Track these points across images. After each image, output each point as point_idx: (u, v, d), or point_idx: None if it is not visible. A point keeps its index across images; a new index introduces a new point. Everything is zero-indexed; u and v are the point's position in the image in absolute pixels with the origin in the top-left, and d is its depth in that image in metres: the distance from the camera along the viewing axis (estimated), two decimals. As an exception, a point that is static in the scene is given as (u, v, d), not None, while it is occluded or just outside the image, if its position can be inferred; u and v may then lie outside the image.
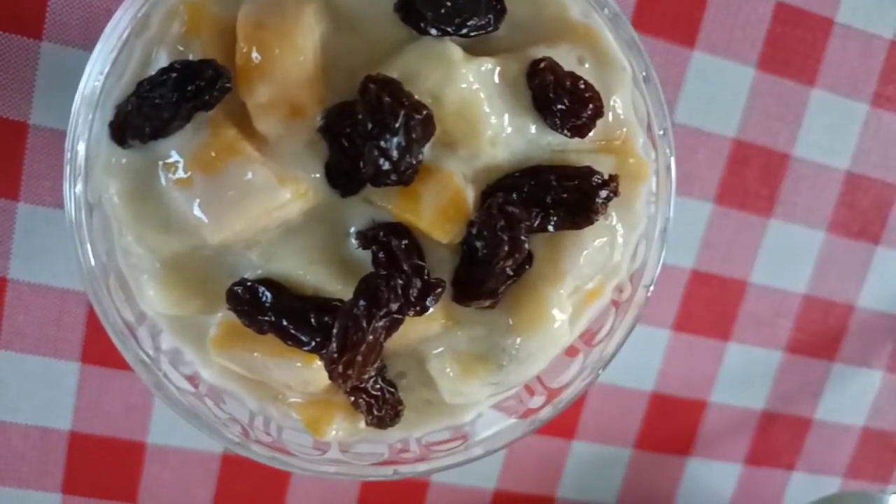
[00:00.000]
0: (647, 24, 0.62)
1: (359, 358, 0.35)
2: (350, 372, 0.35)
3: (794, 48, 0.64)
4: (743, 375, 0.70)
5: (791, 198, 0.67)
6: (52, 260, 0.57)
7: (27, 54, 0.54)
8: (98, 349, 0.59)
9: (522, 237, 0.36)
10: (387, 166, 0.35)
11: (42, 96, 0.55)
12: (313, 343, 0.37)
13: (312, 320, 0.37)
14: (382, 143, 0.34)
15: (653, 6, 0.62)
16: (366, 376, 0.36)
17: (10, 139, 0.55)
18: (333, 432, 0.41)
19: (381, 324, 0.35)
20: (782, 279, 0.69)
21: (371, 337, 0.35)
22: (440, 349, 0.41)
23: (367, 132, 0.34)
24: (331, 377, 0.36)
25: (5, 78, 0.55)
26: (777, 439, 0.73)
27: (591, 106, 0.37)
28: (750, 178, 0.66)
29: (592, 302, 0.43)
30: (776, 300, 0.69)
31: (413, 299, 0.37)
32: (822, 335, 0.71)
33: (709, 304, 0.68)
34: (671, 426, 0.70)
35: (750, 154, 0.66)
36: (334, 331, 0.36)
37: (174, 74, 0.33)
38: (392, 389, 0.42)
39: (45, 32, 0.54)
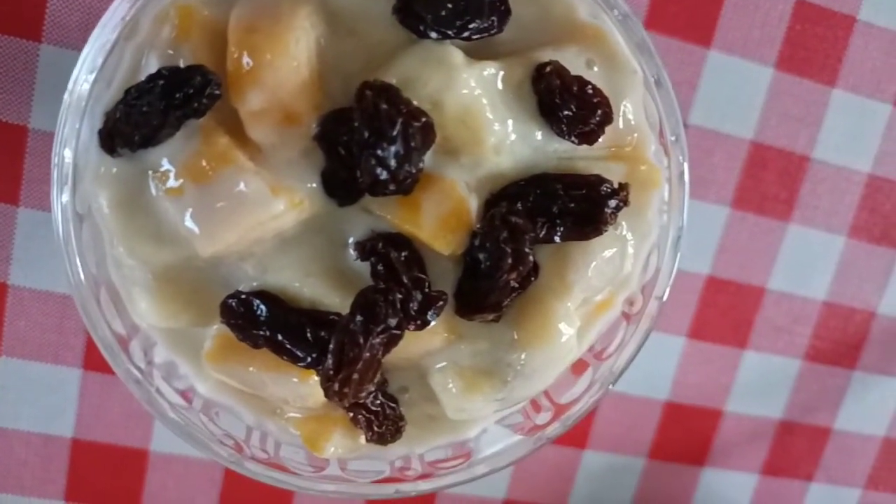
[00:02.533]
0: (662, 23, 0.60)
1: (355, 376, 0.34)
2: (347, 390, 0.34)
3: (815, 47, 0.62)
4: (760, 384, 0.69)
5: (811, 201, 0.65)
6: (53, 265, 0.57)
7: (26, 57, 0.53)
8: (100, 355, 0.58)
9: (527, 249, 0.35)
10: (384, 176, 0.33)
11: (42, 99, 0.54)
12: (309, 359, 0.36)
13: (309, 335, 0.36)
14: (379, 152, 0.32)
15: (667, 4, 0.60)
16: (363, 394, 0.34)
17: (10, 143, 0.54)
18: (332, 449, 0.40)
19: (378, 340, 0.34)
20: (801, 285, 0.67)
21: (368, 354, 0.34)
22: (443, 363, 0.39)
23: (363, 140, 0.32)
24: (327, 395, 0.34)
25: (5, 81, 0.54)
26: (795, 449, 0.71)
27: (599, 112, 0.35)
28: (768, 181, 0.64)
29: (602, 314, 0.41)
30: (795, 307, 0.67)
31: (413, 313, 0.36)
32: (841, 342, 0.69)
33: (725, 311, 0.66)
34: (686, 435, 0.69)
35: (768, 157, 0.64)
36: (330, 347, 0.34)
37: (161, 81, 0.32)
38: (393, 405, 0.40)
39: (45, 34, 0.53)
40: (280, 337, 0.36)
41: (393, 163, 0.33)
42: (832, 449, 0.72)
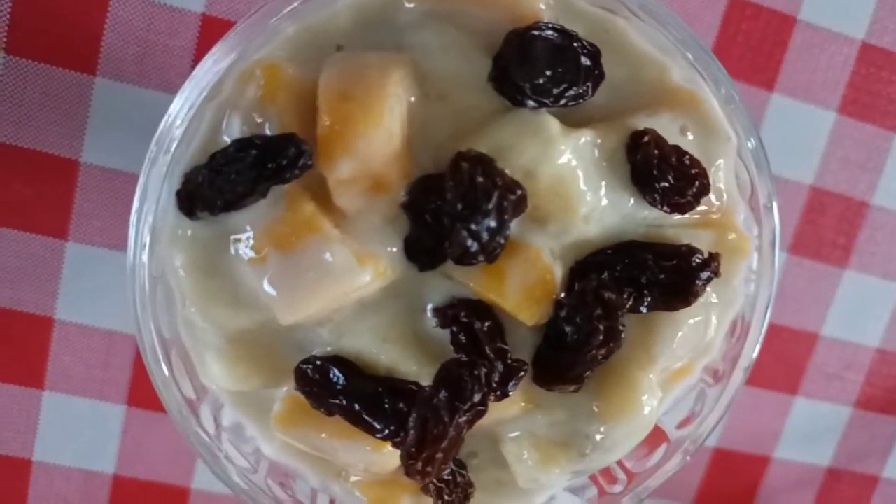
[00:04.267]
0: (725, 64, 0.58)
1: (439, 455, 0.33)
2: (430, 469, 0.33)
3: (879, 91, 0.61)
4: (809, 431, 0.67)
5: (868, 248, 0.64)
6: (100, 301, 0.56)
7: (80, 90, 0.52)
8: (144, 392, 0.58)
9: (620, 327, 0.33)
10: (475, 248, 0.32)
11: (94, 133, 0.53)
12: (387, 431, 0.34)
13: (386, 405, 0.35)
14: (473, 226, 0.31)
15: (731, 46, 0.59)
16: (445, 472, 0.33)
17: (61, 177, 0.53)
18: (400, 515, 0.39)
19: (464, 418, 0.33)
20: (855, 332, 0.66)
21: (454, 432, 0.32)
22: (517, 432, 0.38)
23: (456, 213, 0.31)
24: (408, 473, 0.33)
25: (58, 114, 0.53)
26: (842, 497, 0.70)
27: (697, 183, 0.34)
28: (826, 226, 0.63)
29: (680, 381, 0.40)
30: (848, 353, 0.66)
31: (494, 384, 0.34)
32: (893, 390, 0.68)
33: (778, 357, 0.65)
34: (733, 482, 0.67)
35: (827, 202, 0.62)
36: (411, 421, 0.33)
37: (254, 151, 0.31)
38: (462, 472, 0.39)
39: (100, 68, 0.52)
40: (357, 407, 0.35)
41: (485, 236, 0.32)
42: (880, 497, 0.71)
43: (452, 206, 0.31)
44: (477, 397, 0.33)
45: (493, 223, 0.31)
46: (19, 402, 0.56)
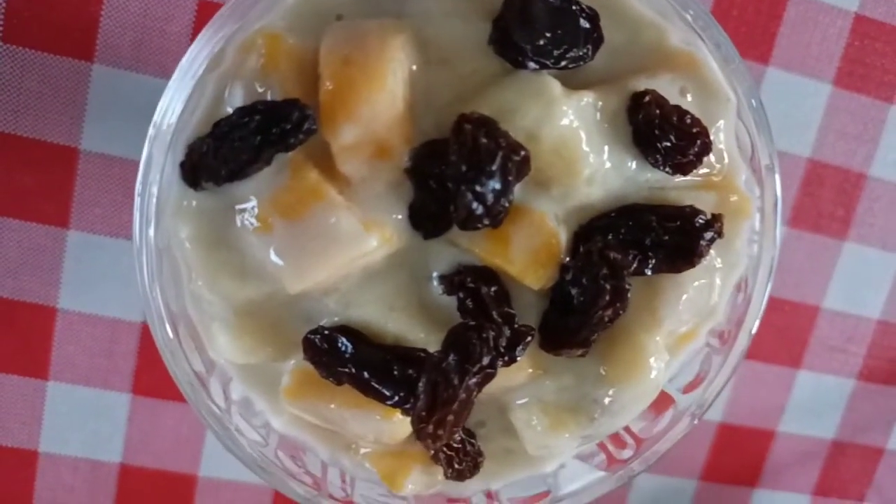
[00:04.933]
0: (720, 39, 0.59)
1: (450, 417, 0.33)
2: (441, 432, 0.33)
3: (873, 63, 0.61)
4: (813, 404, 0.68)
5: (867, 219, 0.64)
6: (103, 289, 0.56)
7: (78, 77, 0.52)
8: (149, 380, 0.58)
9: (627, 286, 0.34)
10: (480, 210, 0.32)
11: (93, 121, 0.53)
12: (397, 397, 0.35)
13: (395, 372, 0.35)
14: (478, 188, 0.31)
15: (725, 21, 0.59)
16: (456, 435, 0.33)
17: (61, 165, 0.53)
18: (411, 486, 0.39)
19: (474, 380, 0.33)
20: (856, 304, 0.66)
21: (464, 394, 0.32)
22: (525, 399, 0.38)
23: (460, 175, 0.31)
24: (419, 437, 0.33)
25: (56, 102, 0.53)
26: (847, 470, 0.70)
27: (698, 142, 0.34)
28: (825, 199, 0.63)
29: (685, 345, 0.40)
30: (849, 326, 0.66)
31: (502, 349, 0.34)
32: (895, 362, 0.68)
33: (780, 331, 0.65)
34: (738, 457, 0.67)
35: (825, 174, 0.63)
36: (420, 386, 0.33)
37: (258, 116, 0.31)
38: (472, 440, 0.39)
39: (97, 54, 0.52)
40: (366, 374, 0.35)
41: (490, 198, 0.32)
42: (884, 469, 0.71)
43: (456, 169, 0.31)
44: (486, 360, 0.33)
45: (497, 185, 0.32)
46: (24, 393, 0.56)
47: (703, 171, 0.37)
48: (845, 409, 0.68)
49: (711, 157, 0.36)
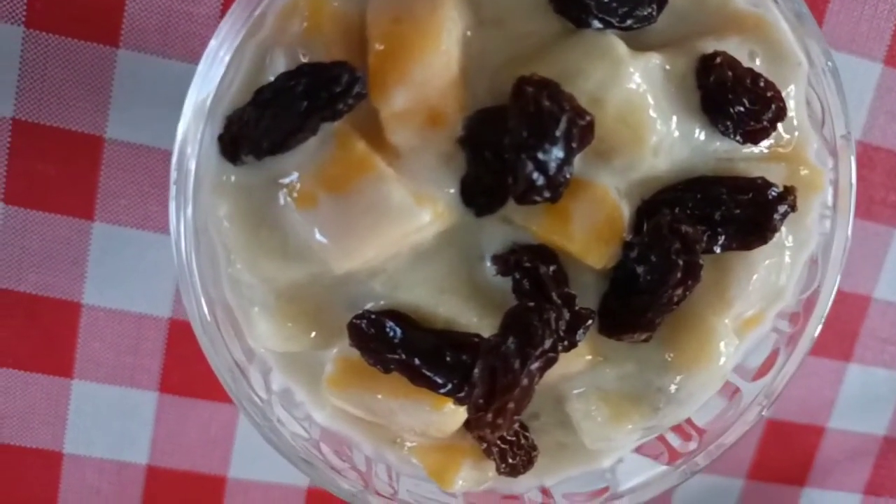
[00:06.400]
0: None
1: (511, 405, 0.30)
2: (501, 421, 0.30)
3: (926, 40, 0.59)
4: (864, 399, 0.65)
5: (920, 204, 0.61)
6: (129, 283, 0.54)
7: (103, 63, 0.51)
8: (177, 378, 0.56)
9: (700, 261, 0.31)
10: (541, 181, 0.30)
11: (118, 108, 0.51)
12: (450, 385, 0.32)
13: (448, 359, 0.32)
14: (540, 155, 0.29)
15: None
16: (517, 424, 0.31)
17: (85, 154, 0.52)
18: (461, 482, 0.37)
19: (536, 365, 0.30)
20: (909, 293, 0.63)
21: (526, 380, 0.30)
22: (582, 388, 0.36)
23: (522, 142, 0.29)
24: (477, 427, 0.31)
25: (80, 89, 0.51)
26: (900, 468, 0.67)
27: (773, 107, 0.32)
28: (876, 183, 0.61)
29: (752, 329, 0.38)
30: (902, 316, 0.64)
31: (562, 333, 0.32)
32: (950, 353, 0.65)
33: (829, 323, 0.61)
34: (786, 454, 0.65)
35: (876, 157, 0.60)
36: (477, 373, 0.31)
37: (304, 79, 0.28)
38: (526, 433, 0.37)
39: (122, 39, 0.50)
40: (417, 361, 0.32)
41: (552, 167, 0.29)
42: (938, 467, 0.68)
43: (517, 135, 0.29)
44: (548, 343, 0.31)
45: (560, 153, 0.29)
46: (47, 392, 0.55)
47: (771, 140, 0.34)
48: (898, 403, 0.66)
49: (780, 126, 0.34)
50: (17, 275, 0.52)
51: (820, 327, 0.37)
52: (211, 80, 0.32)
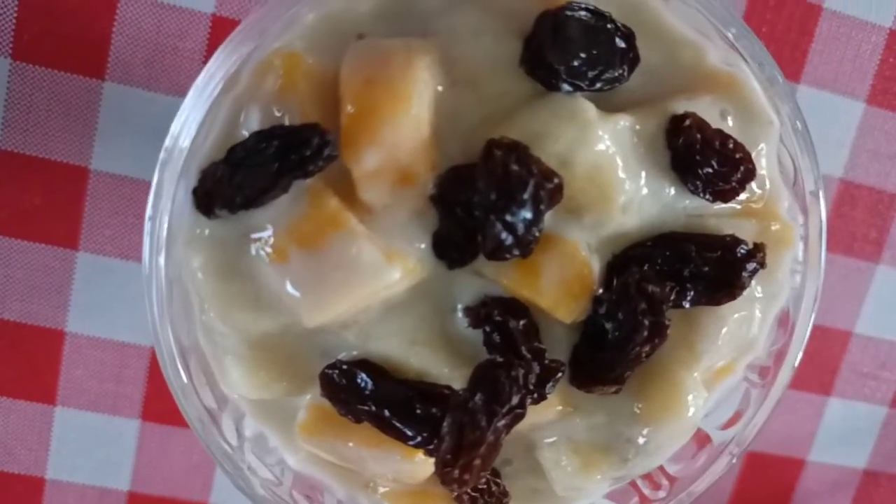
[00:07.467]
0: (750, 55, 0.57)
1: (477, 461, 0.31)
2: (467, 476, 0.31)
3: (908, 80, 0.59)
4: (845, 432, 0.65)
5: (901, 242, 0.62)
6: (112, 312, 0.54)
7: (89, 95, 0.51)
8: (159, 405, 0.56)
9: (666, 321, 0.32)
10: (510, 241, 0.30)
11: (104, 140, 0.52)
12: (419, 438, 0.33)
13: (418, 411, 0.33)
14: (508, 218, 0.29)
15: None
16: (484, 479, 0.31)
17: (71, 185, 0.52)
18: (432, 527, 0.37)
19: (503, 422, 0.31)
20: (890, 329, 0.64)
21: (492, 437, 0.30)
22: (553, 438, 0.36)
23: (490, 204, 0.29)
24: (443, 482, 0.31)
25: (66, 120, 0.51)
26: (880, 501, 0.68)
27: (741, 169, 0.32)
28: (857, 220, 0.61)
29: (722, 379, 0.38)
30: (882, 351, 0.64)
31: (531, 386, 0.32)
32: (930, 389, 0.66)
33: (810, 357, 0.62)
34: (766, 486, 0.65)
35: (858, 195, 0.61)
36: (445, 427, 0.31)
37: (275, 141, 0.29)
38: (497, 480, 0.37)
39: (108, 72, 0.51)
40: (387, 413, 0.33)
41: (520, 227, 0.30)
42: (918, 500, 0.68)
43: (486, 197, 0.29)
44: (515, 399, 0.31)
45: (528, 214, 0.30)
46: (31, 419, 0.55)
47: (743, 197, 0.35)
48: (878, 437, 0.66)
49: (752, 183, 0.34)
50: (1, 303, 0.53)
51: (790, 377, 0.37)
52: (185, 135, 0.32)
